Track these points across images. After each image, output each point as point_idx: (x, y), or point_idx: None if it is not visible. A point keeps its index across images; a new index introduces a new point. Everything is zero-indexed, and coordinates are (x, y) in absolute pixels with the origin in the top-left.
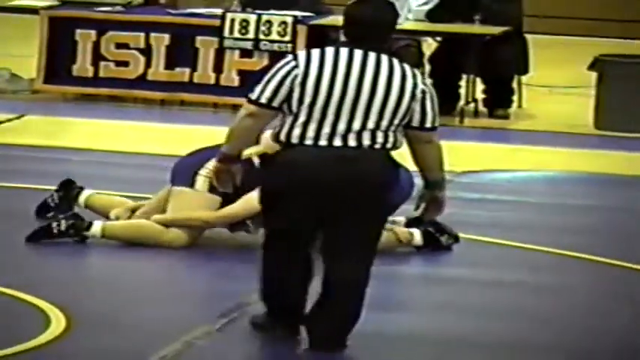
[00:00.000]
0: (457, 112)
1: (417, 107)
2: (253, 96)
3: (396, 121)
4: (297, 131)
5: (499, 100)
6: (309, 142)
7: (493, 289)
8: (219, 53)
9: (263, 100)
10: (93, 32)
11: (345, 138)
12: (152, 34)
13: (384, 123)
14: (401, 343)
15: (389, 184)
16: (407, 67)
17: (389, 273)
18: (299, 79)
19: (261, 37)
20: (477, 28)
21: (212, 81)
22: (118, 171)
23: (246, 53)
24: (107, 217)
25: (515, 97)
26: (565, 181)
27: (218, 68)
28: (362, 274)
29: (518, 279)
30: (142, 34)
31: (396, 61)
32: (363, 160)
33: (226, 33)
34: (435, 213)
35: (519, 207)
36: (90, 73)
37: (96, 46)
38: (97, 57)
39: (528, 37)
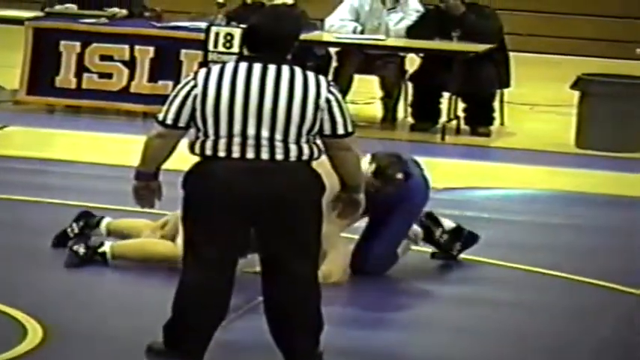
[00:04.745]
0: (439, 130)
1: (325, 116)
2: (160, 117)
3: (305, 132)
4: (209, 144)
5: (481, 117)
6: (222, 154)
7: (466, 306)
8: (204, 67)
9: (169, 121)
10: (77, 44)
11: (257, 151)
12: (136, 47)
13: (292, 134)
14: None
15: (306, 195)
16: (311, 76)
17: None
18: (199, 98)
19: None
20: (461, 46)
21: None
22: (100, 183)
23: None
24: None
25: (496, 115)
26: (544, 200)
27: None
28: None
29: (493, 296)
30: (127, 47)
31: (298, 72)
32: (277, 172)
33: (211, 46)
34: (352, 214)
35: (497, 225)
36: (73, 85)
37: (80, 57)
38: (81, 69)
39: (511, 54)
